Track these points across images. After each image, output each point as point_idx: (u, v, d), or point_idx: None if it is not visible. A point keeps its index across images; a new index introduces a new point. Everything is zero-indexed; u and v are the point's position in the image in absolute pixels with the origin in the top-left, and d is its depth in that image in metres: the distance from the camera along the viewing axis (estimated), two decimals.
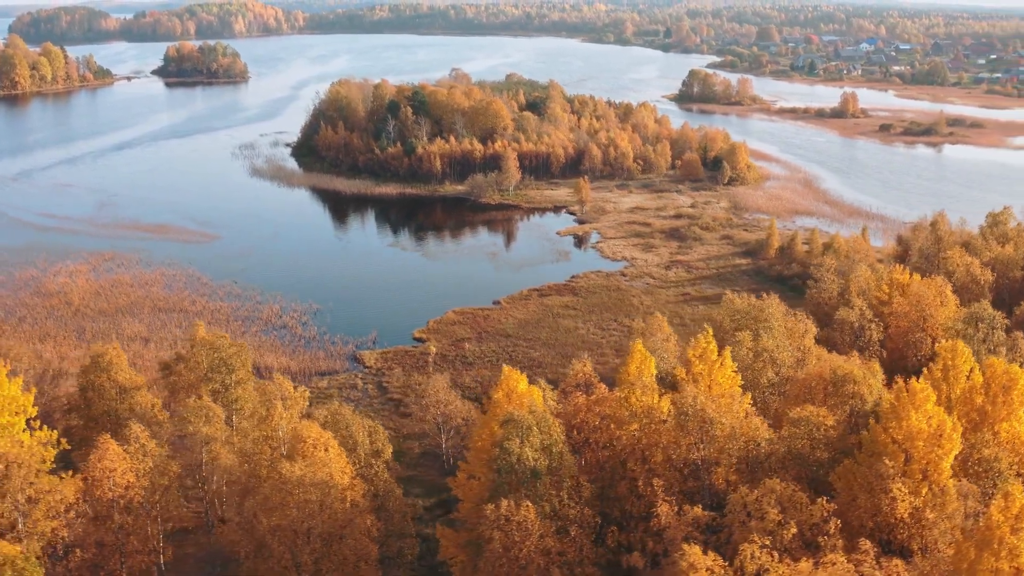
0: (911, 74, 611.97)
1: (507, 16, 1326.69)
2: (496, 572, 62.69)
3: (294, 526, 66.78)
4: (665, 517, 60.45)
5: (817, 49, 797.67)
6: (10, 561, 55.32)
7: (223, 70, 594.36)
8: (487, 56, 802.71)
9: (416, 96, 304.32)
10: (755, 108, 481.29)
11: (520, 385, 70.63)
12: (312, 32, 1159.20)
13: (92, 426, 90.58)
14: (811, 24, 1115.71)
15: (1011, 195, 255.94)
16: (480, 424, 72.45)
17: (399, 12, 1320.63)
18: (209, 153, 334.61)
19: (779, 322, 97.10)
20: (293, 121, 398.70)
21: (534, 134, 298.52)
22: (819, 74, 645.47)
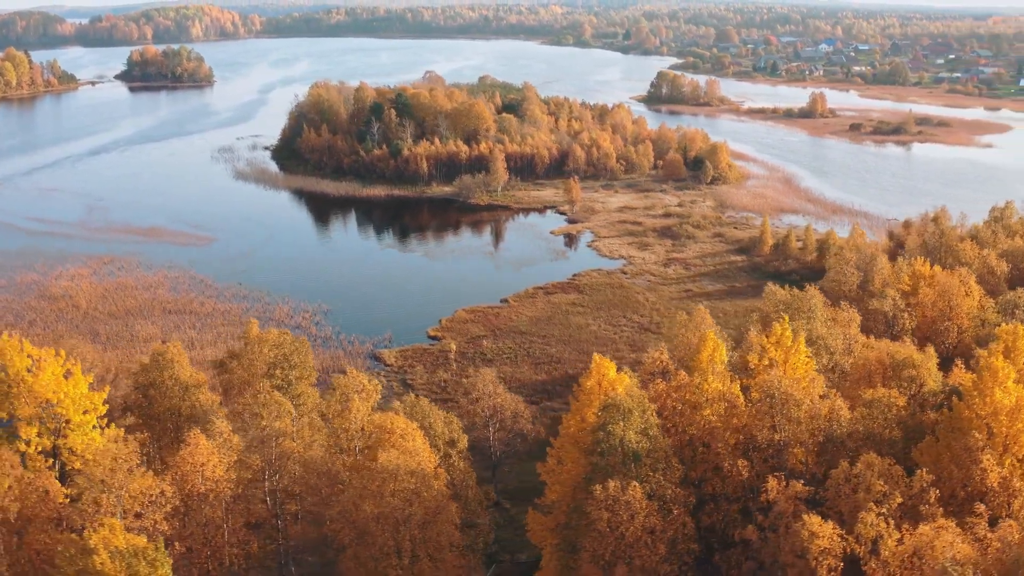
0: (872, 74, 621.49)
1: (464, 19, 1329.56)
2: (601, 550, 64.80)
3: (395, 513, 68.42)
4: (774, 492, 62.79)
5: (777, 50, 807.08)
6: (141, 552, 56.53)
7: (188, 74, 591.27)
8: (448, 59, 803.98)
9: (399, 98, 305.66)
10: (723, 109, 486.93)
11: (610, 372, 72.72)
12: (269, 36, 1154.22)
13: (152, 425, 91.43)
14: (768, 25, 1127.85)
15: (986, 192, 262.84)
16: (573, 410, 74.38)
17: (356, 16, 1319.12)
18: (188, 157, 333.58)
19: (821, 312, 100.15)
20: (267, 124, 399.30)
21: (517, 135, 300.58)
22: (781, 75, 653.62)
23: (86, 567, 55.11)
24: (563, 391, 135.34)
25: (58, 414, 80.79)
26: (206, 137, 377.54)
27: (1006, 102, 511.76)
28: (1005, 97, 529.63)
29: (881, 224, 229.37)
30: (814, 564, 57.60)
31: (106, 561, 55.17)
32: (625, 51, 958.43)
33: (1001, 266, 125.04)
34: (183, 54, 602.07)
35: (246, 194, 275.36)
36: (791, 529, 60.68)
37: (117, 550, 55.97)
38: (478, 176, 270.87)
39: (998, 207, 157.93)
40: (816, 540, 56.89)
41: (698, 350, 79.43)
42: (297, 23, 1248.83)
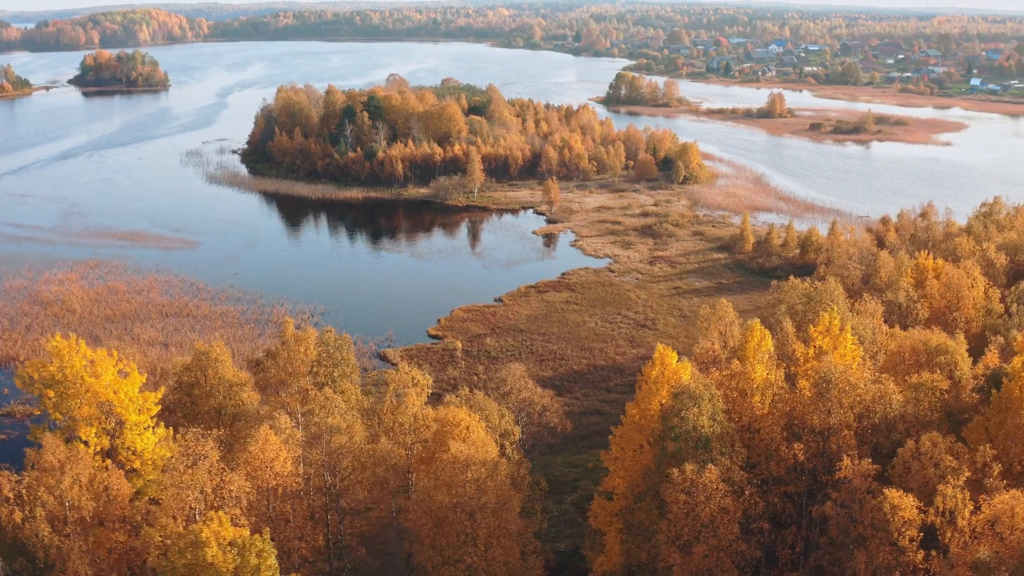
0: (825, 75, 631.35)
1: (413, 22, 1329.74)
2: (677, 532, 67.18)
3: (470, 502, 70.26)
4: (846, 469, 65.47)
5: (728, 51, 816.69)
6: (250, 544, 57.80)
7: (143, 79, 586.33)
8: (401, 62, 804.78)
9: (371, 101, 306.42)
10: (682, 110, 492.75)
11: (672, 362, 75.02)
12: (217, 40, 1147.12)
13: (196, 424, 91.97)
14: (716, 27, 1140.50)
15: (953, 189, 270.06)
16: (637, 399, 76.52)
17: (304, 19, 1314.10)
18: (157, 161, 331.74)
19: (843, 303, 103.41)
20: (231, 128, 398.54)
21: (489, 138, 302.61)
22: (735, 76, 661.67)
23: (197, 560, 56.27)
24: (571, 386, 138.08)
25: (116, 414, 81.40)
26: (171, 141, 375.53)
27: (957, 101, 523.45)
28: (956, 96, 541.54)
29: (854, 221, 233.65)
30: (896, 535, 60.37)
31: (218, 554, 56.40)
32: (576, 53, 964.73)
33: (1000, 258, 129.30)
34: (137, 58, 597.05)
35: (222, 197, 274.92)
36: (866, 504, 63.45)
37: (228, 542, 57.23)
38: (454, 178, 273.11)
39: (987, 202, 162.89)
40: (899, 512, 59.71)
41: (746, 340, 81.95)
42: (245, 27, 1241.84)
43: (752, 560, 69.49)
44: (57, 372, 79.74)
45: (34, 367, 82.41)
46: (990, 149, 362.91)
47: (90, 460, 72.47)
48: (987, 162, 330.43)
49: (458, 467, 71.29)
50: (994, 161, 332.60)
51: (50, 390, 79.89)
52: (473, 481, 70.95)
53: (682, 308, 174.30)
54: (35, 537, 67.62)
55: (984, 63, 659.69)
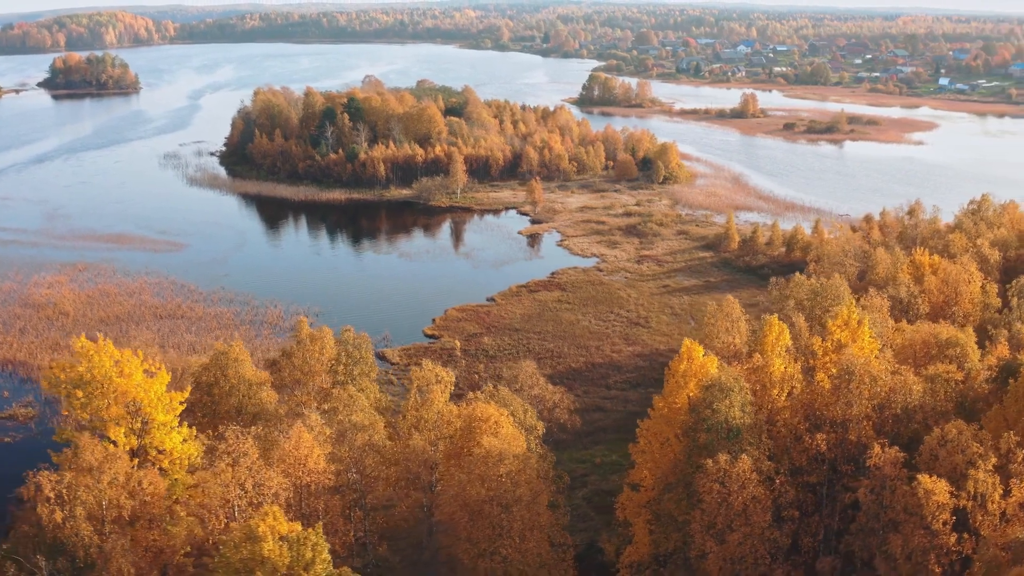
0: (795, 75, 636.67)
1: (380, 23, 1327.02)
2: (711, 520, 68.81)
3: (506, 495, 71.51)
4: (876, 457, 67.26)
5: (697, 52, 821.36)
6: (304, 538, 58.74)
7: (113, 81, 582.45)
8: (370, 64, 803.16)
9: (351, 103, 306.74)
10: (655, 110, 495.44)
11: (699, 356, 76.55)
12: (184, 42, 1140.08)
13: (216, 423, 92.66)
14: (683, 27, 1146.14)
15: (929, 187, 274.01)
16: (665, 393, 78.02)
17: (270, 21, 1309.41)
18: (135, 163, 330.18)
19: (849, 298, 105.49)
20: (206, 130, 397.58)
21: (470, 138, 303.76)
22: (705, 76, 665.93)
23: (253, 554, 57.14)
24: (571, 384, 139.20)
25: (143, 414, 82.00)
26: (147, 144, 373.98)
27: (926, 100, 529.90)
28: (925, 96, 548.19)
29: (834, 220, 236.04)
30: (929, 519, 62.26)
31: (274, 548, 57.32)
32: (545, 54, 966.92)
33: (994, 254, 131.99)
34: (107, 61, 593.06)
35: (204, 199, 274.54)
36: (897, 491, 65.39)
37: (283, 537, 58.15)
38: (437, 179, 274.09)
39: (975, 199, 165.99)
40: (933, 497, 61.62)
41: (764, 334, 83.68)
42: (211, 29, 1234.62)
43: (782, 547, 71.13)
44: (86, 372, 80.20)
45: (61, 368, 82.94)
46: (962, 148, 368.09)
47: (126, 459, 73.07)
48: (960, 161, 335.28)
49: (491, 461, 72.56)
50: (967, 160, 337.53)
51: (79, 390, 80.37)
52: (507, 475, 72.22)
53: (673, 306, 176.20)
54: (75, 536, 68.19)
55: (951, 63, 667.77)
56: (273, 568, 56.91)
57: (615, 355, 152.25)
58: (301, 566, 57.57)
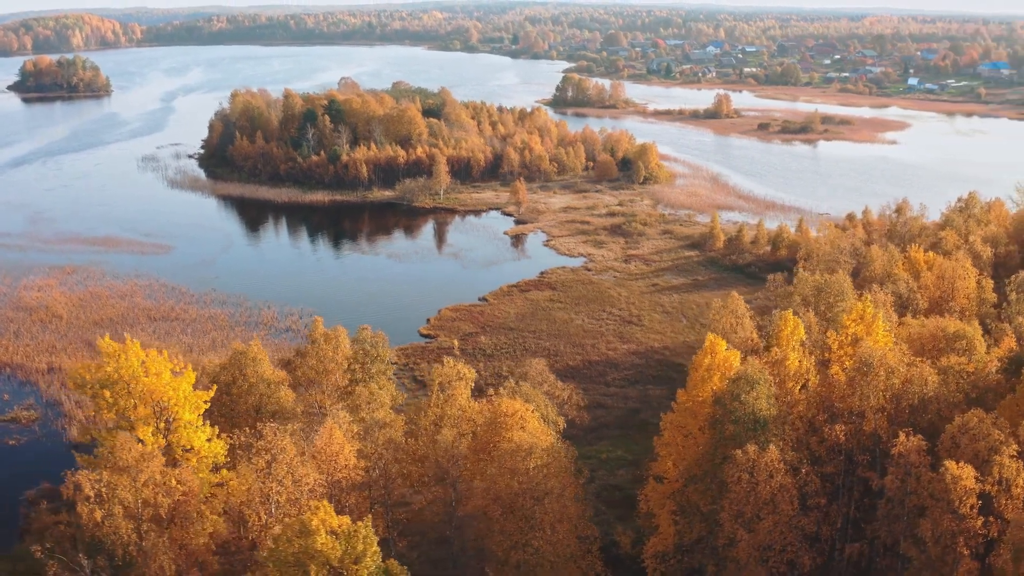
0: (765, 75, 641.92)
1: (348, 25, 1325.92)
2: (739, 509, 70.57)
3: (538, 488, 72.99)
4: (902, 445, 69.23)
5: (667, 53, 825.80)
6: (355, 532, 59.87)
7: (84, 84, 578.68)
8: (341, 66, 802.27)
9: (332, 105, 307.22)
10: (629, 111, 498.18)
11: (722, 349, 78.26)
12: (151, 45, 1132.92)
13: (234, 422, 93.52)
14: (651, 28, 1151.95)
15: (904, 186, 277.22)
16: (689, 386, 79.62)
17: (238, 23, 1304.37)
18: (114, 166, 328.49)
19: (851, 294, 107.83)
20: (183, 133, 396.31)
21: (451, 140, 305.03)
22: (676, 77, 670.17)
23: (307, 548, 58.23)
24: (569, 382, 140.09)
25: (168, 412, 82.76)
26: (124, 147, 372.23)
27: (896, 100, 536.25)
28: (895, 95, 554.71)
29: (814, 219, 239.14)
30: (957, 503, 64.34)
31: (326, 541, 58.45)
32: (514, 55, 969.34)
33: (986, 250, 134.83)
34: (78, 63, 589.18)
35: (187, 202, 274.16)
36: (923, 477, 67.56)
37: (335, 530, 59.28)
38: (419, 180, 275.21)
39: (962, 197, 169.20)
40: (960, 482, 63.69)
41: (779, 329, 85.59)
42: (178, 31, 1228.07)
43: (809, 535, 73.03)
44: (113, 372, 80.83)
45: (86, 369, 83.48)
46: (934, 147, 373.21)
47: (161, 458, 73.90)
48: (934, 160, 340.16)
49: (521, 454, 73.97)
50: (941, 159, 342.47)
51: (106, 390, 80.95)
52: (537, 468, 73.67)
53: (664, 304, 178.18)
54: (114, 535, 68.92)
55: (920, 63, 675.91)
56: (325, 561, 58.03)
57: (611, 353, 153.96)
58: (352, 559, 58.71)
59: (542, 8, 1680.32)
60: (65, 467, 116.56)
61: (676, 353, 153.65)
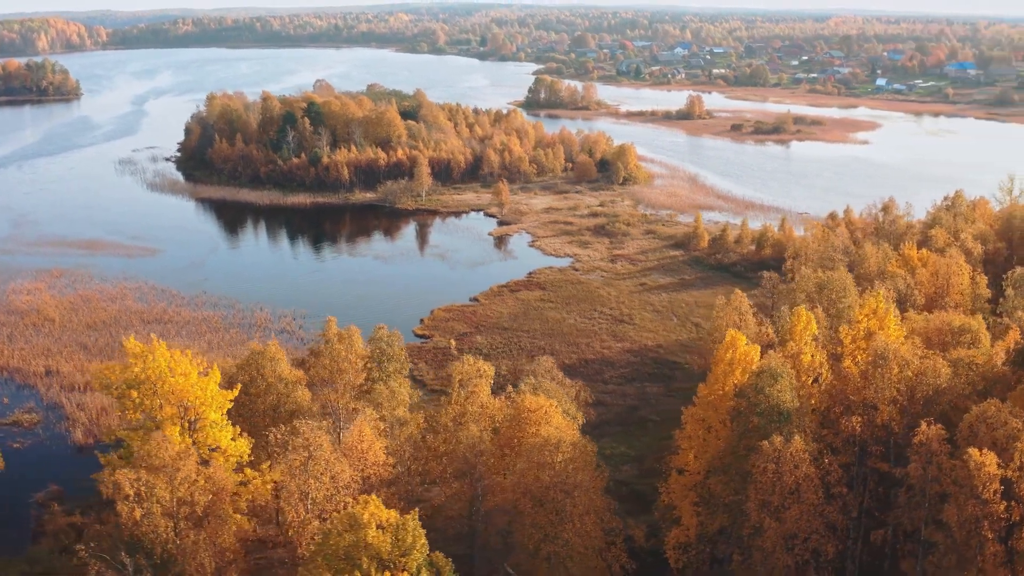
0: (734, 76, 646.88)
1: (314, 28, 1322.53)
2: (764, 499, 72.49)
3: (567, 481, 74.58)
4: (923, 434, 71.35)
5: (635, 54, 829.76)
6: (404, 524, 61.16)
7: (54, 88, 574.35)
8: (309, 68, 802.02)
9: (311, 107, 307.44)
10: (602, 112, 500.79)
11: (742, 344, 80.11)
12: (117, 48, 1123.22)
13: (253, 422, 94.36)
14: (617, 30, 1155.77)
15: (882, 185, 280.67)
16: (710, 380, 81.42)
17: (204, 26, 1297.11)
18: (91, 170, 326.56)
19: (853, 290, 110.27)
20: (158, 136, 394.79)
21: (431, 141, 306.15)
22: (645, 78, 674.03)
23: (358, 541, 59.46)
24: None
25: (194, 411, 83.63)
26: (99, 150, 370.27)
27: (864, 100, 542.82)
28: (864, 96, 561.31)
29: (794, 218, 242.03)
30: (980, 489, 66.54)
31: (377, 534, 59.69)
32: (482, 57, 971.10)
33: (977, 248, 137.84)
34: (48, 67, 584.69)
35: (169, 205, 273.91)
36: (944, 465, 69.88)
37: (385, 523, 60.53)
38: (401, 182, 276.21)
39: (948, 196, 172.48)
40: (984, 468, 65.90)
41: (793, 324, 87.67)
42: (144, 34, 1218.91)
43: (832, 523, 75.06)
44: (141, 373, 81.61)
45: (111, 370, 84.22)
46: (906, 147, 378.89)
47: (196, 456, 74.77)
48: (906, 160, 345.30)
49: (549, 448, 75.53)
50: (914, 159, 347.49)
51: (134, 391, 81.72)
52: (565, 461, 75.24)
53: (653, 304, 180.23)
54: (153, 533, 69.72)
55: (887, 63, 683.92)
56: (376, 554, 59.24)
57: (605, 351, 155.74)
58: (400, 552, 59.97)
59: (507, 10, 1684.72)
60: (71, 469, 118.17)
61: (670, 351, 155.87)
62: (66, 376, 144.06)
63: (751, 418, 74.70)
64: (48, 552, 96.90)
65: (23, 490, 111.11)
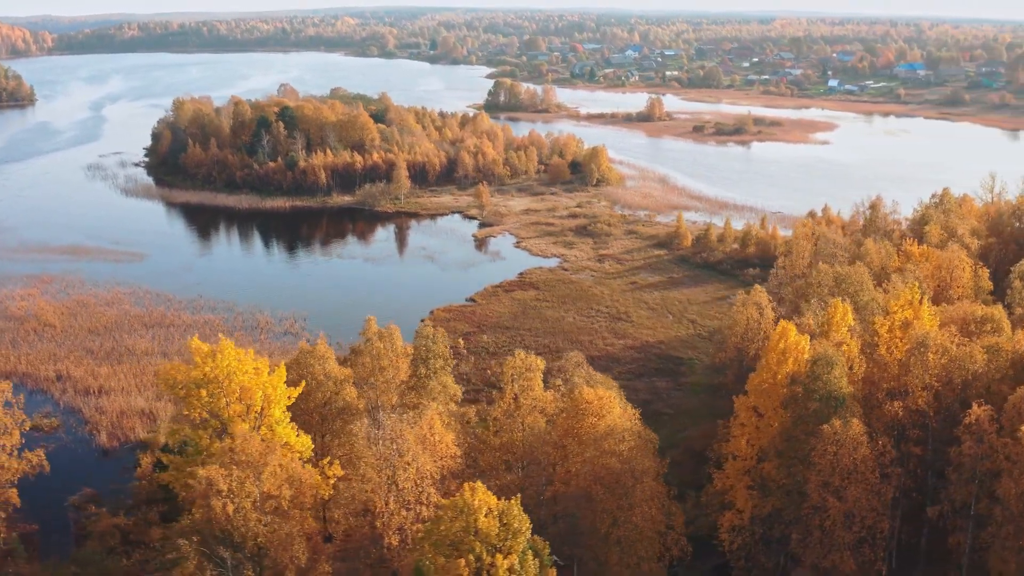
0: (687, 78, 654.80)
1: (261, 32, 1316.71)
2: (824, 479, 76.14)
3: (636, 468, 77.71)
4: (974, 414, 75.40)
5: (586, 57, 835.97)
6: (508, 508, 63.69)
7: (8, 94, 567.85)
8: (263, 73, 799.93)
9: (285, 111, 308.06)
10: (562, 115, 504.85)
11: (793, 335, 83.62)
12: (63, 53, 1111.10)
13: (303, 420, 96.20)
14: (565, 33, 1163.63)
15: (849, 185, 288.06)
16: (761, 369, 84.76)
17: (149, 31, 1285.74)
18: (61, 175, 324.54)
19: (869, 284, 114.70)
20: (122, 141, 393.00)
21: (406, 144, 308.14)
22: (599, 81, 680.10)
23: (469, 525, 62.00)
24: None
25: (262, 410, 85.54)
26: (64, 156, 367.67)
27: (818, 101, 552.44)
28: (816, 97, 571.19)
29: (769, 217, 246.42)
30: None
31: (486, 519, 62.27)
32: (433, 61, 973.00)
33: (973, 242, 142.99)
34: (0, 72, 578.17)
35: (147, 210, 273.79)
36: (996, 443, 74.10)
37: (493, 508, 63.12)
38: (379, 185, 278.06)
39: (936, 193, 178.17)
40: None
41: (831, 315, 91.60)
42: (90, 39, 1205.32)
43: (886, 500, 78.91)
44: (211, 372, 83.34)
45: (177, 369, 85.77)
46: (865, 147, 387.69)
47: (280, 452, 76.64)
48: (868, 159, 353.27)
49: (615, 437, 78.62)
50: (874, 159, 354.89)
51: (203, 389, 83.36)
52: (632, 448, 78.37)
53: (647, 302, 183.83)
54: (244, 527, 71.50)
55: (837, 64, 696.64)
56: (486, 537, 61.81)
57: (609, 348, 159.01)
58: (509, 535, 62.58)
59: (453, 14, 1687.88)
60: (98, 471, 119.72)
61: (672, 347, 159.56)
62: (78, 380, 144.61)
63: (808, 404, 78.20)
64: (94, 553, 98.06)
65: (57, 494, 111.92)
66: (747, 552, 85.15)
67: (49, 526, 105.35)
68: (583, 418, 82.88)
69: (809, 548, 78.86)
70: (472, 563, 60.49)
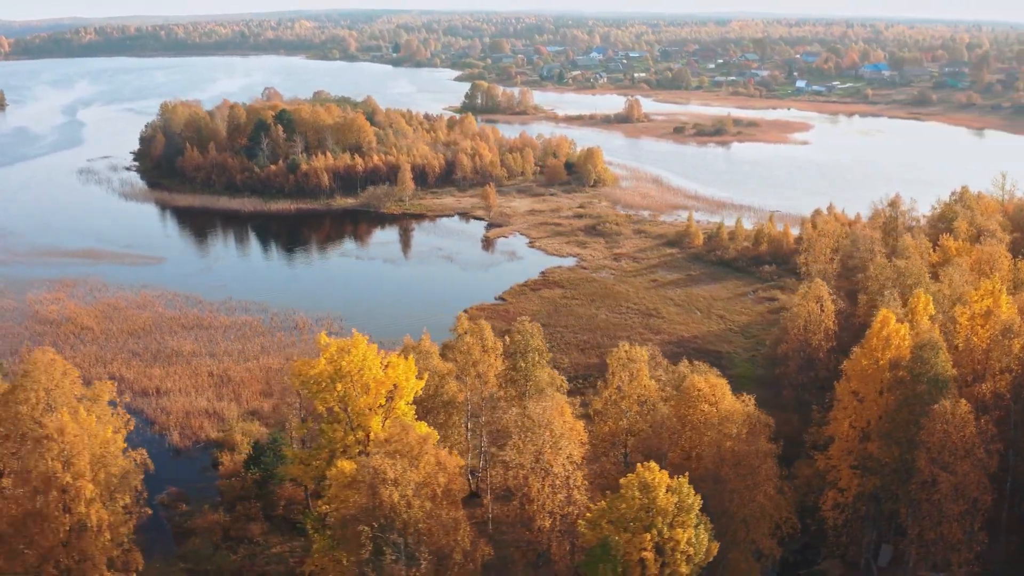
0: (656, 80, 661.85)
1: (220, 36, 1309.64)
2: (934, 456, 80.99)
3: (763, 448, 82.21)
4: None
5: (551, 58, 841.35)
6: (681, 485, 67.71)
7: None
8: (228, 76, 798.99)
9: (283, 115, 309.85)
10: (540, 117, 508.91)
11: (892, 322, 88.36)
12: (20, 58, 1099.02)
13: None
14: (524, 35, 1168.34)
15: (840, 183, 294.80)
16: (861, 355, 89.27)
17: (107, 35, 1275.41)
18: (52, 180, 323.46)
19: (925, 276, 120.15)
20: (107, 145, 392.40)
21: (403, 147, 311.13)
22: (568, 83, 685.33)
23: (649, 503, 65.96)
24: None
25: (395, 401, 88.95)
26: (51, 160, 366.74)
27: (787, 102, 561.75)
28: (785, 97, 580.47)
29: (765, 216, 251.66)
30: None
31: (665, 495, 66.29)
32: (396, 64, 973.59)
33: (1005, 237, 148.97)
34: None
35: (150, 213, 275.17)
36: None
37: (671, 486, 67.12)
38: (383, 187, 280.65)
39: (955, 191, 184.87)
40: None
41: (914, 305, 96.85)
42: (47, 43, 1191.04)
43: (991, 475, 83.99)
44: (345, 366, 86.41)
45: (309, 365, 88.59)
46: (845, 147, 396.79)
47: (432, 440, 79.76)
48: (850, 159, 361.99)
49: (736, 420, 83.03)
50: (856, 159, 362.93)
51: (338, 384, 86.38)
52: (753, 432, 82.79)
53: (672, 299, 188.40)
54: (407, 513, 74.56)
55: (802, 65, 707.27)
56: (664, 512, 65.78)
57: (648, 344, 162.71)
58: (682, 511, 66.62)
59: (410, 16, 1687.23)
60: (177, 470, 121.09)
61: (708, 341, 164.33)
62: (133, 382, 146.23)
63: (915, 387, 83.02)
64: (201, 550, 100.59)
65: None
66: (848, 528, 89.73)
67: (144, 525, 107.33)
68: (695, 405, 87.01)
69: (918, 520, 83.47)
70: (655, 537, 64.31)
